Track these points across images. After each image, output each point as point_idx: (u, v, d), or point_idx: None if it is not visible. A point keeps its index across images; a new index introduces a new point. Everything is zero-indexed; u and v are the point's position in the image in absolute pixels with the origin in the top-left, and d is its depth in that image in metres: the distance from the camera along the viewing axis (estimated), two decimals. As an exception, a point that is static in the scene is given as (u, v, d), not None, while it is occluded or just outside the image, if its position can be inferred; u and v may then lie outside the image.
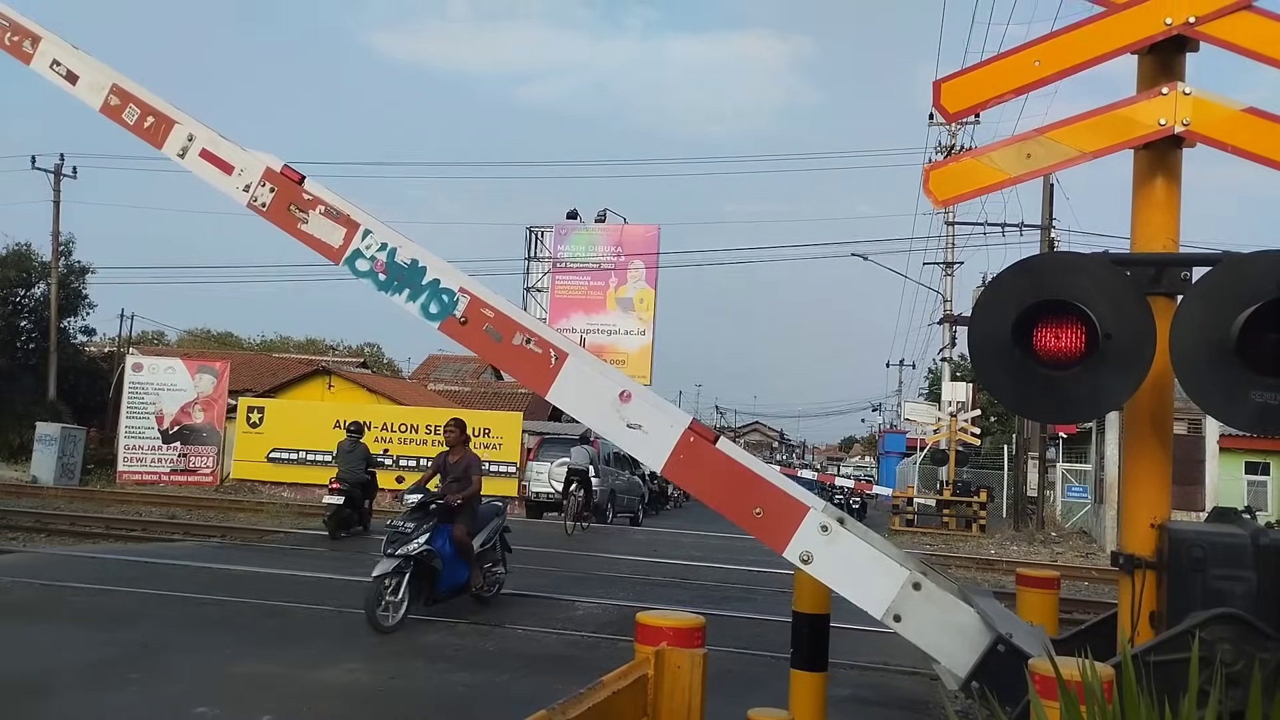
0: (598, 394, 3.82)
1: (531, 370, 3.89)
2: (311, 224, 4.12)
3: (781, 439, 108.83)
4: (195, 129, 4.34)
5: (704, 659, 2.65)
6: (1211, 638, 3.32)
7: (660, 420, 3.75)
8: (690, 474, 3.72)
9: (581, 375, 3.85)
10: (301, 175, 4.20)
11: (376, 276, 4.04)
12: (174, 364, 29.09)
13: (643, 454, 3.82)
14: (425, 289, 3.99)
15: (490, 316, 3.93)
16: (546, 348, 3.87)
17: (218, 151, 4.30)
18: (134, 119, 4.41)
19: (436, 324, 3.99)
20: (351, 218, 4.09)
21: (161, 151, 4.37)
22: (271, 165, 4.21)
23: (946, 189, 4.04)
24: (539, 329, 3.96)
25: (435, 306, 3.98)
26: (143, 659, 6.61)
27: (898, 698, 6.59)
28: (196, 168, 4.31)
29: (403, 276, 4.01)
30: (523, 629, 8.28)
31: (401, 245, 4.04)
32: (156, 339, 55.47)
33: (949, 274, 36.17)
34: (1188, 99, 3.78)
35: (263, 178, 4.19)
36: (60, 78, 4.53)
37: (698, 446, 3.70)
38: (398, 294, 4.02)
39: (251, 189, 4.19)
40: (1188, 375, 3.44)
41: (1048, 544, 22.38)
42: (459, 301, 3.95)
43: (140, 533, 15.98)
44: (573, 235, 38.72)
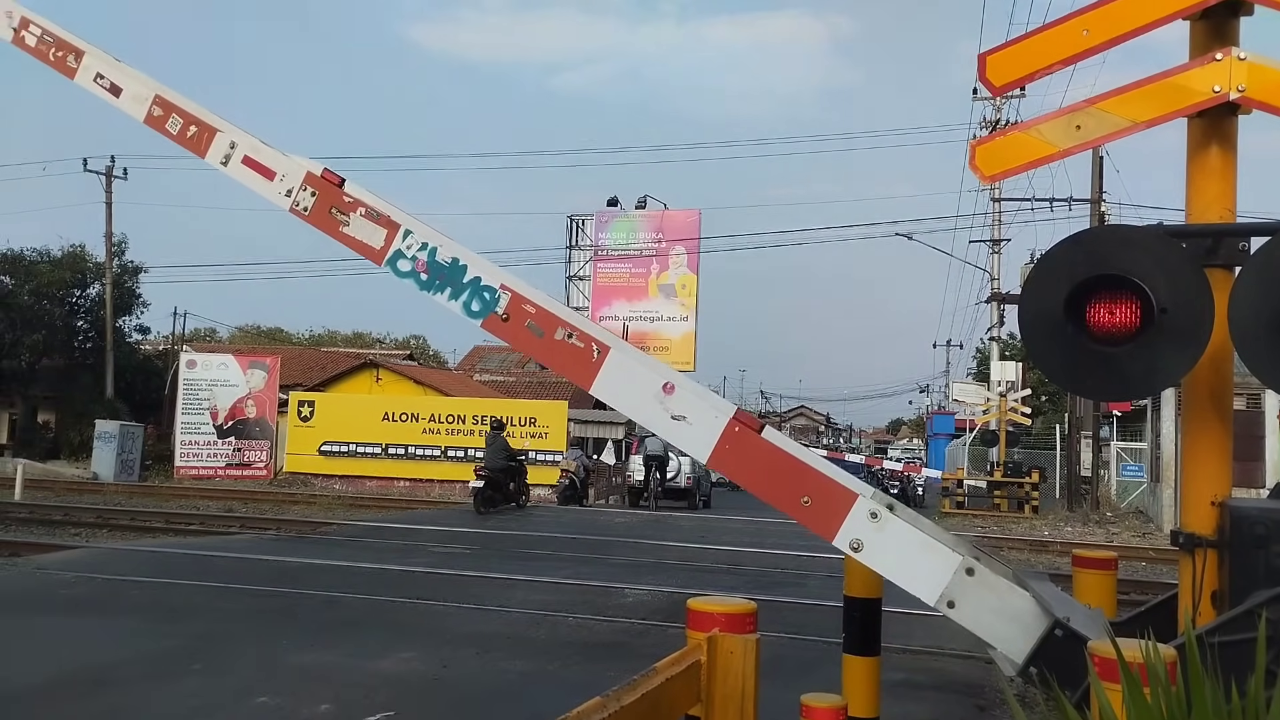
0: (641, 386, 3.81)
1: (575, 364, 3.89)
2: (353, 226, 4.15)
3: (828, 422, 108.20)
4: (237, 136, 4.39)
5: (756, 644, 2.64)
6: (1276, 617, 3.23)
7: (705, 411, 3.73)
8: (736, 464, 3.69)
9: (624, 368, 3.83)
10: (342, 178, 4.23)
11: (419, 276, 4.07)
12: (226, 360, 29.65)
13: (688, 445, 3.79)
14: (467, 287, 4.00)
15: (532, 312, 3.93)
16: (589, 341, 3.87)
17: (259, 158, 4.34)
18: (177, 129, 4.47)
19: (479, 321, 4.01)
20: (392, 218, 4.11)
21: (205, 160, 4.42)
22: (312, 170, 4.24)
23: (994, 164, 3.97)
24: (581, 323, 3.95)
25: (477, 304, 4.00)
26: (203, 650, 6.75)
27: (952, 681, 6.53)
28: (239, 174, 4.36)
29: (444, 275, 4.03)
30: (573, 617, 8.33)
31: (442, 244, 4.06)
32: (209, 336, 56.61)
33: (996, 251, 35.62)
34: (1242, 64, 3.67)
35: (304, 182, 4.22)
36: (104, 90, 4.61)
37: (743, 436, 3.67)
38: (440, 293, 4.04)
39: (293, 194, 4.23)
40: (1248, 349, 3.35)
41: (1103, 524, 22.01)
42: (500, 298, 3.96)
43: (198, 526, 16.33)
44: (614, 222, 38.72)
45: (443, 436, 27.07)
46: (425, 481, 26.81)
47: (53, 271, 34.23)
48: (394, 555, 12.03)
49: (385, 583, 9.74)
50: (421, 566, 11.07)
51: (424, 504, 22.44)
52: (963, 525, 21.73)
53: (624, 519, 19.76)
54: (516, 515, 19.23)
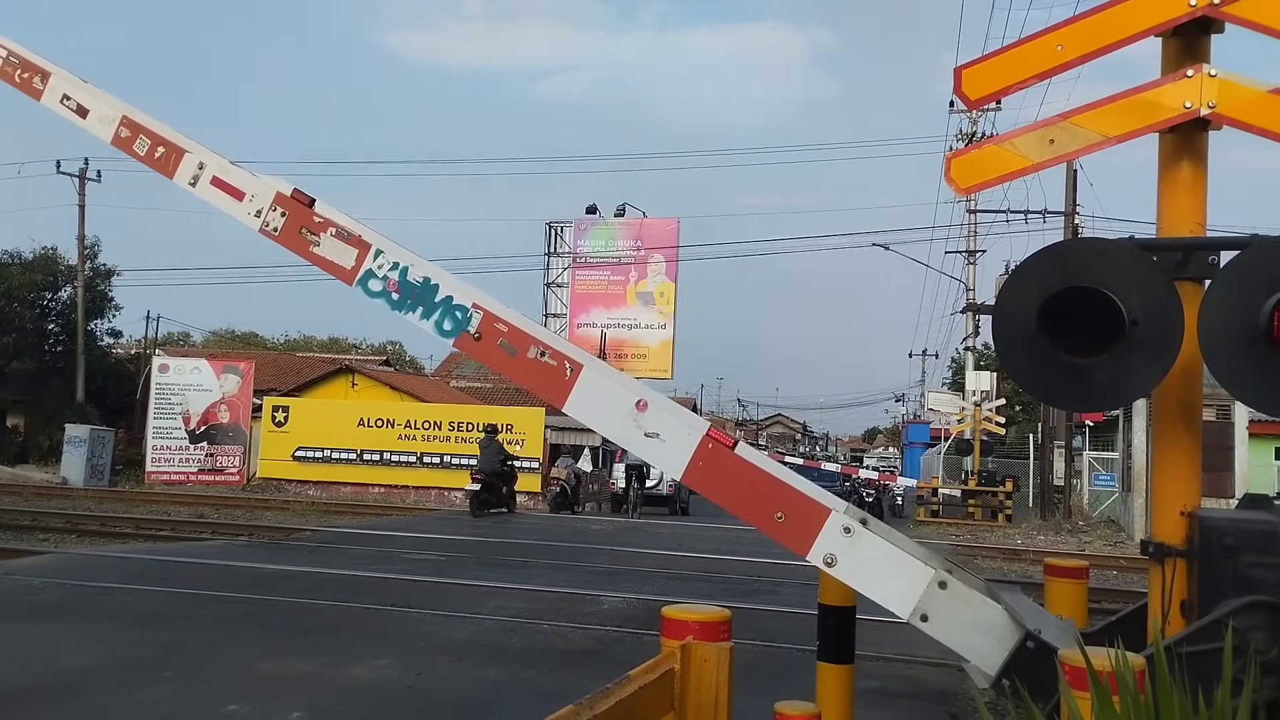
0: (614, 404, 3.80)
1: (548, 383, 3.88)
2: (324, 246, 4.13)
3: (804, 431, 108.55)
4: (206, 157, 4.36)
5: (730, 652, 2.64)
6: (1244, 626, 3.28)
7: (678, 428, 3.73)
8: (710, 481, 3.70)
9: (598, 386, 3.83)
10: (312, 198, 4.21)
11: (390, 296, 4.06)
12: (199, 364, 29.39)
13: (662, 462, 3.79)
14: (439, 306, 4.00)
15: (504, 331, 3.93)
16: (561, 360, 3.86)
17: (228, 179, 4.31)
18: (145, 150, 4.43)
19: (451, 340, 4.01)
20: (363, 238, 4.10)
21: (173, 181, 4.38)
22: (282, 190, 4.22)
23: (969, 177, 4.01)
24: (553, 341, 3.95)
25: (449, 323, 3.99)
26: (174, 657, 6.68)
27: (926, 689, 6.56)
28: (208, 195, 4.32)
29: (416, 295, 4.02)
30: (548, 624, 8.30)
31: (413, 263, 4.05)
32: (182, 340, 56.08)
33: (971, 262, 35.90)
34: (1213, 81, 3.73)
35: (273, 202, 4.20)
36: (71, 112, 4.57)
37: (716, 453, 3.68)
38: (411, 312, 4.04)
39: (263, 214, 4.20)
40: (1217, 361, 3.40)
41: (1075, 533, 22.21)
42: (473, 317, 3.95)
43: (169, 532, 16.15)
44: (592, 230, 38.73)
45: (419, 443, 26.93)
46: (400, 488, 26.66)
47: (24, 274, 33.82)
48: (368, 562, 11.94)
49: (358, 589, 9.67)
50: (395, 573, 11.00)
51: (399, 510, 22.30)
52: (937, 534, 21.86)
53: (600, 526, 19.73)
54: (493, 522, 19.15)
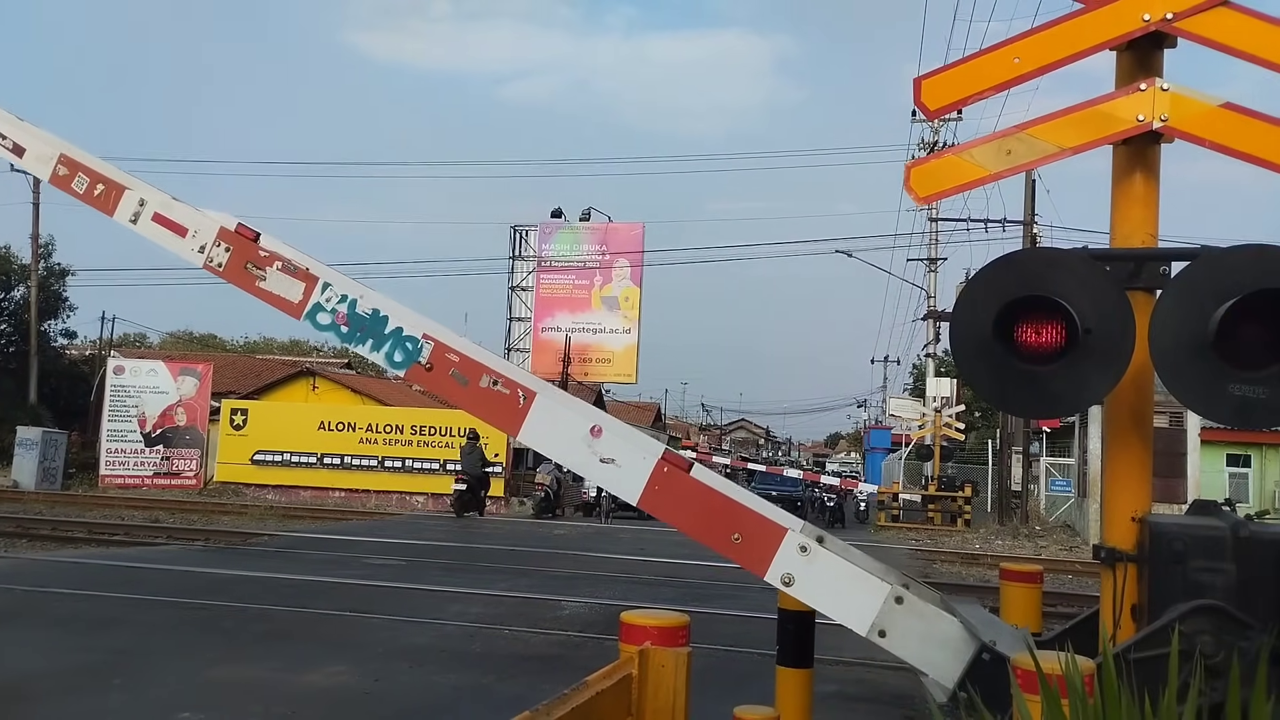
0: (569, 431, 3.80)
1: (501, 412, 3.86)
2: (270, 281, 4.08)
3: (768, 436, 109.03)
4: (146, 193, 4.28)
5: (688, 658, 2.65)
6: (1191, 630, 3.33)
7: (632, 453, 3.73)
8: (666, 505, 3.69)
9: (551, 413, 3.82)
10: (257, 232, 4.16)
11: (339, 329, 4.03)
12: (156, 366, 28.91)
13: (617, 488, 3.78)
14: (389, 338, 3.98)
15: (455, 360, 3.91)
16: (514, 388, 3.85)
17: (170, 215, 4.24)
18: (84, 188, 4.34)
19: (402, 372, 3.99)
20: (310, 271, 4.06)
21: (113, 219, 4.29)
22: (225, 224, 4.16)
23: (928, 186, 4.05)
24: (505, 369, 3.94)
25: (400, 355, 3.97)
26: (126, 664, 6.56)
27: (884, 693, 6.62)
28: (150, 233, 4.25)
29: (365, 327, 3.99)
30: (509, 629, 8.27)
31: (362, 295, 4.02)
32: (138, 341, 55.10)
33: (932, 270, 36.34)
34: (1166, 95, 3.80)
35: (218, 237, 4.14)
36: (7, 150, 4.49)
37: (672, 476, 3.68)
38: (361, 345, 4.01)
39: (206, 250, 4.14)
40: (1167, 369, 3.46)
41: (1032, 538, 22.51)
42: (423, 348, 3.93)
43: (123, 537, 15.88)
44: (557, 234, 38.64)
45: (380, 446, 26.70)
46: (362, 492, 26.41)
47: (-25, 272, 33.10)
48: (327, 567, 11.82)
49: (317, 595, 9.56)
50: (355, 578, 10.90)
51: (360, 515, 22.09)
52: (897, 538, 22.05)
53: (564, 530, 19.68)
54: (457, 526, 19.04)
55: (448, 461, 25.94)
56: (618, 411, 51.73)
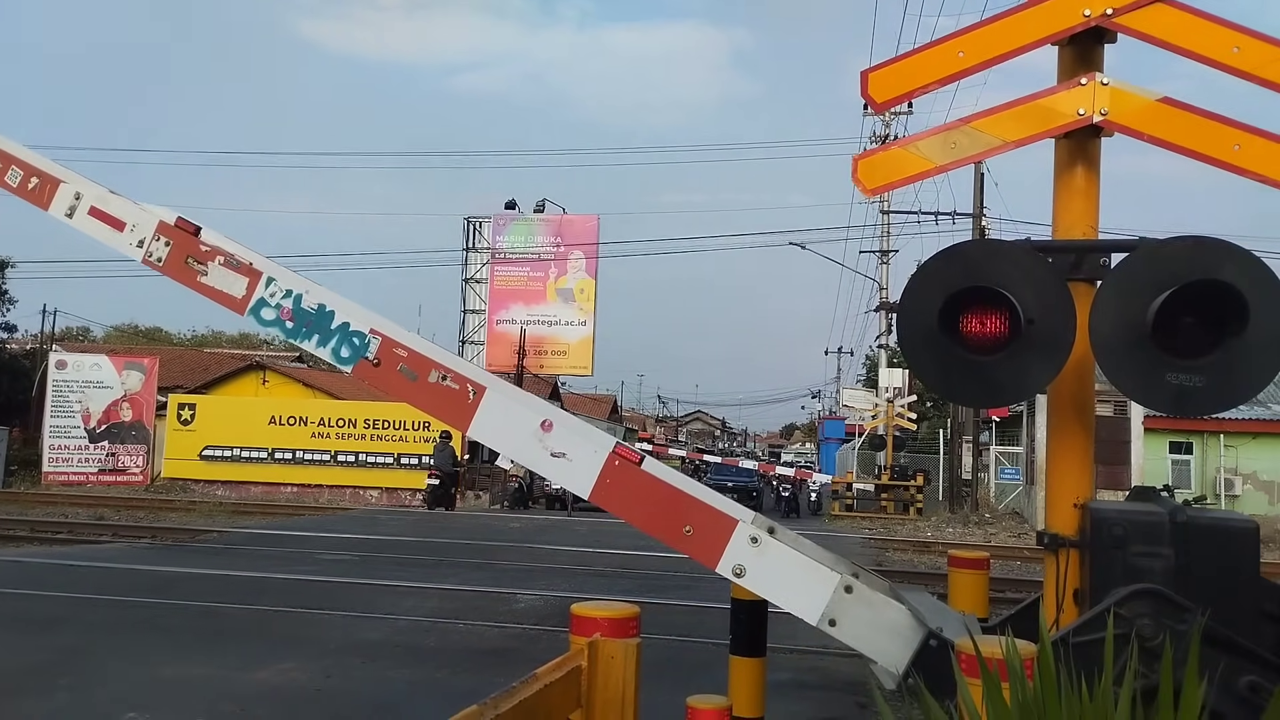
0: (519, 425, 3.79)
1: (450, 407, 3.84)
2: (211, 276, 4.02)
3: (724, 427, 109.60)
4: (82, 186, 4.20)
5: (638, 649, 2.66)
6: (1130, 614, 3.41)
7: (584, 447, 3.74)
8: (618, 498, 3.70)
9: (502, 408, 3.81)
10: (197, 226, 4.10)
11: (284, 324, 3.98)
12: (100, 361, 28.28)
13: (569, 482, 3.79)
14: (335, 333, 3.94)
15: (404, 356, 3.88)
16: (464, 383, 3.83)
17: (107, 208, 4.17)
18: (17, 181, 4.25)
19: (349, 368, 3.94)
20: (254, 266, 4.00)
21: (48, 213, 4.21)
22: (165, 218, 4.09)
23: (875, 178, 4.10)
24: (455, 364, 3.91)
25: (346, 350, 3.93)
26: (70, 664, 6.43)
27: (837, 680, 6.69)
28: (86, 227, 4.17)
29: (311, 322, 3.95)
30: (464, 624, 8.23)
31: (307, 290, 3.98)
32: (81, 335, 53.83)
33: (885, 262, 36.71)
34: (1105, 89, 3.88)
35: (156, 231, 4.07)
36: None
37: (623, 470, 3.69)
38: (307, 340, 3.97)
39: (145, 244, 4.07)
40: (1107, 358, 3.53)
41: (982, 525, 22.88)
42: (370, 343, 3.90)
43: (67, 535, 15.54)
44: (511, 226, 38.41)
45: (333, 440, 26.38)
46: (314, 487, 26.08)
47: (-91, 265, 32.08)
48: (277, 563, 11.67)
49: (267, 592, 9.44)
50: (306, 574, 10.78)
51: (312, 510, 21.84)
52: (851, 527, 22.30)
53: (519, 524, 19.62)
54: (408, 522, 18.89)
55: (402, 455, 25.71)
56: (574, 404, 51.64)
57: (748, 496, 27.76)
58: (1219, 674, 3.08)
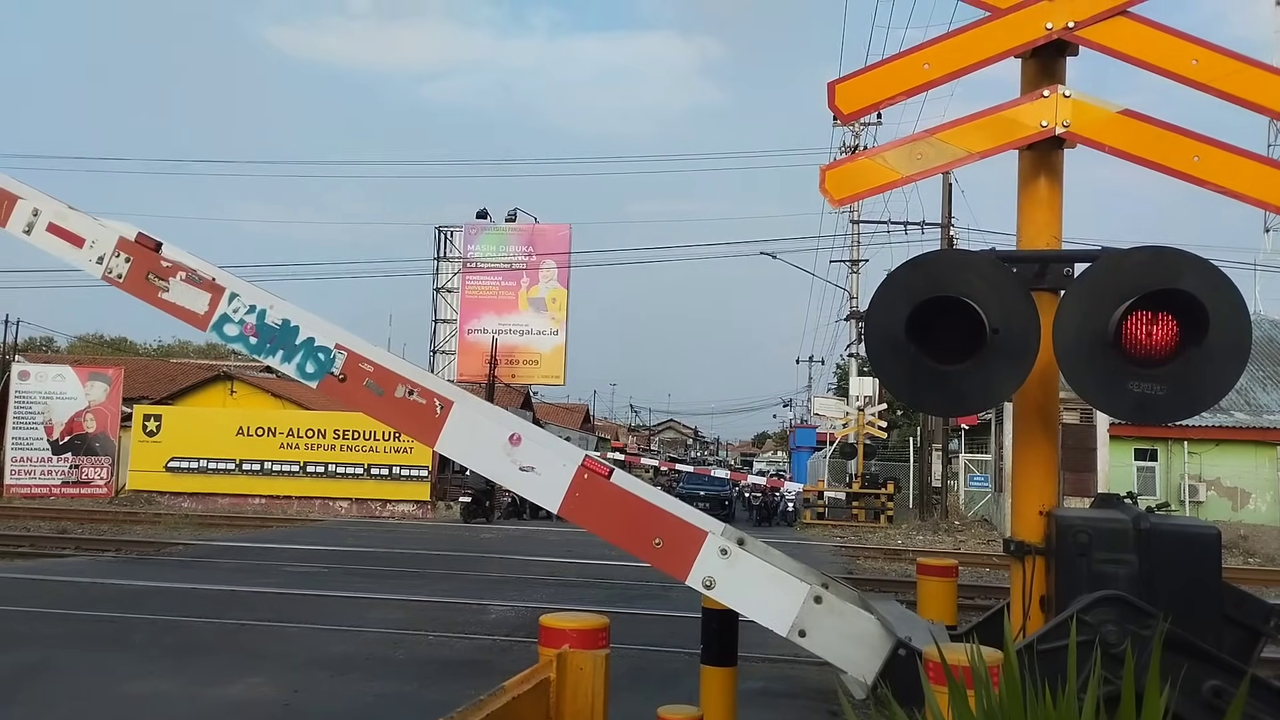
0: (487, 440, 3.78)
1: (417, 422, 3.82)
2: (173, 292, 3.99)
3: (696, 436, 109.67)
4: (40, 203, 4.16)
5: (607, 660, 2.65)
6: (1095, 620, 3.44)
7: (552, 460, 3.73)
8: (587, 511, 3.70)
9: (470, 422, 3.80)
10: (158, 242, 4.06)
11: (247, 340, 3.95)
12: (63, 371, 27.82)
13: (538, 496, 3.77)
14: (300, 349, 3.91)
15: (370, 371, 3.86)
16: (431, 397, 3.81)
17: (66, 225, 4.13)
18: None
19: (315, 384, 3.91)
20: (216, 281, 3.98)
21: (5, 230, 4.16)
22: (125, 234, 4.06)
23: (843, 188, 4.13)
24: (422, 378, 3.89)
25: (312, 366, 3.90)
26: (29, 680, 6.30)
27: (807, 689, 6.70)
28: (44, 243, 4.13)
29: (275, 338, 3.92)
30: (434, 635, 8.16)
31: (271, 305, 3.95)
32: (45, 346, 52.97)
33: (855, 271, 36.93)
34: (1068, 101, 3.93)
35: (117, 248, 4.04)
36: None
37: (592, 483, 3.69)
38: (271, 356, 3.94)
39: (105, 260, 4.04)
40: (1070, 367, 3.58)
41: (951, 532, 23.05)
42: (336, 358, 3.87)
43: (29, 548, 15.24)
44: (483, 235, 38.31)
45: (302, 451, 26.12)
46: (283, 498, 25.80)
47: None
48: (244, 576, 11.52)
49: (233, 605, 9.31)
50: (274, 587, 10.65)
51: (281, 522, 21.60)
52: (823, 535, 22.38)
53: (490, 534, 19.52)
54: (378, 533, 18.74)
55: (372, 466, 25.50)
56: (546, 413, 51.48)
57: (720, 505, 27.80)
58: (1182, 679, 3.11)
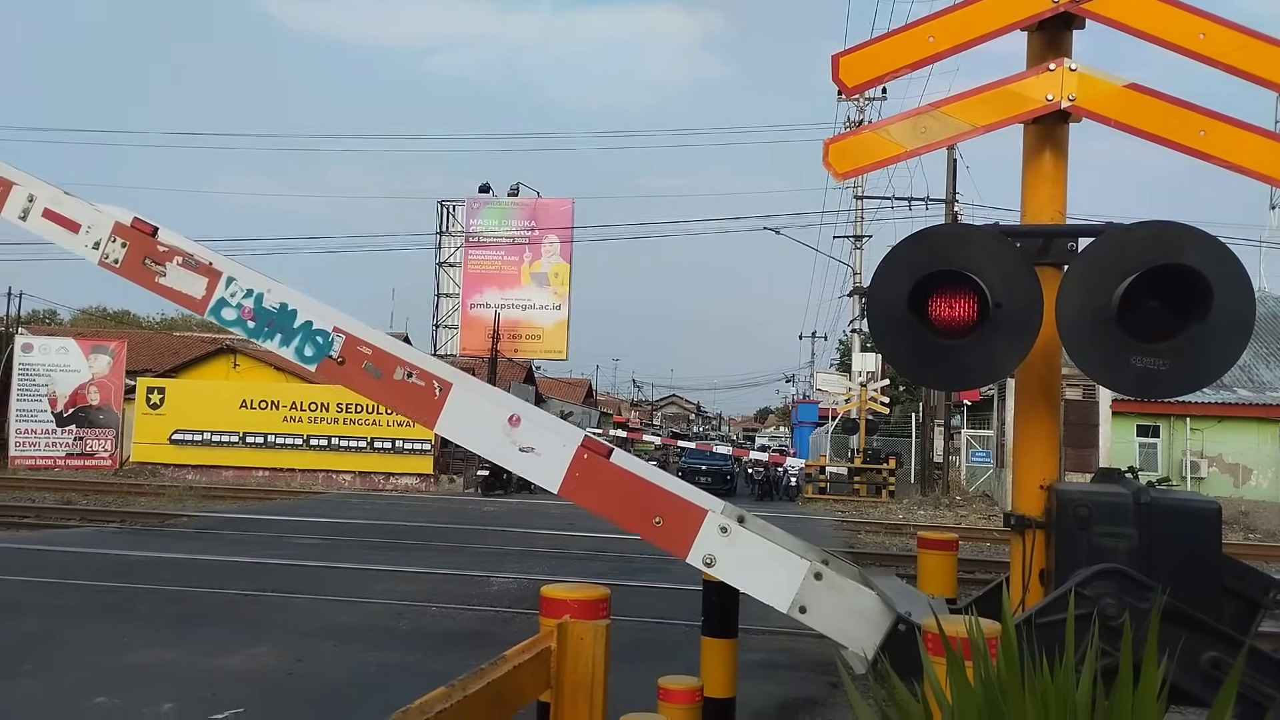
0: (487, 421, 3.78)
1: (416, 404, 3.83)
2: (170, 277, 3.98)
3: (698, 411, 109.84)
4: (36, 188, 4.14)
5: (607, 630, 2.66)
6: (1094, 594, 3.46)
7: (552, 441, 3.74)
8: (587, 491, 3.71)
9: (469, 403, 3.80)
10: (154, 227, 4.05)
11: (245, 324, 3.95)
12: (67, 344, 27.88)
13: (538, 476, 3.78)
14: (298, 332, 3.91)
15: (368, 354, 3.86)
16: (429, 379, 3.82)
17: (61, 210, 4.12)
18: None
19: (313, 367, 3.92)
20: (213, 266, 3.97)
21: (1, 216, 4.16)
22: (121, 219, 4.05)
23: (846, 162, 4.10)
24: (420, 360, 3.89)
25: (310, 349, 3.90)
26: (35, 650, 6.36)
27: (807, 660, 6.75)
28: (40, 229, 4.12)
29: (273, 322, 3.92)
30: (437, 607, 8.22)
31: (269, 289, 3.94)
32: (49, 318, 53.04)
33: (859, 247, 36.82)
34: (1074, 75, 3.90)
35: (113, 233, 4.03)
36: None
37: (592, 463, 3.70)
38: (269, 340, 3.94)
39: (102, 245, 4.03)
40: (1073, 342, 3.57)
41: (953, 507, 23.12)
42: (334, 341, 3.88)
43: (33, 520, 15.34)
44: (485, 209, 38.19)
45: (305, 424, 26.20)
46: (286, 471, 25.92)
47: None
48: (248, 547, 11.60)
49: (238, 576, 9.38)
50: (278, 559, 10.72)
51: (284, 494, 21.71)
52: (825, 510, 22.46)
53: (493, 507, 19.61)
54: (381, 505, 18.84)
55: (375, 439, 25.58)
56: (549, 388, 51.53)
57: (722, 480, 27.89)
58: (1180, 651, 3.13)
